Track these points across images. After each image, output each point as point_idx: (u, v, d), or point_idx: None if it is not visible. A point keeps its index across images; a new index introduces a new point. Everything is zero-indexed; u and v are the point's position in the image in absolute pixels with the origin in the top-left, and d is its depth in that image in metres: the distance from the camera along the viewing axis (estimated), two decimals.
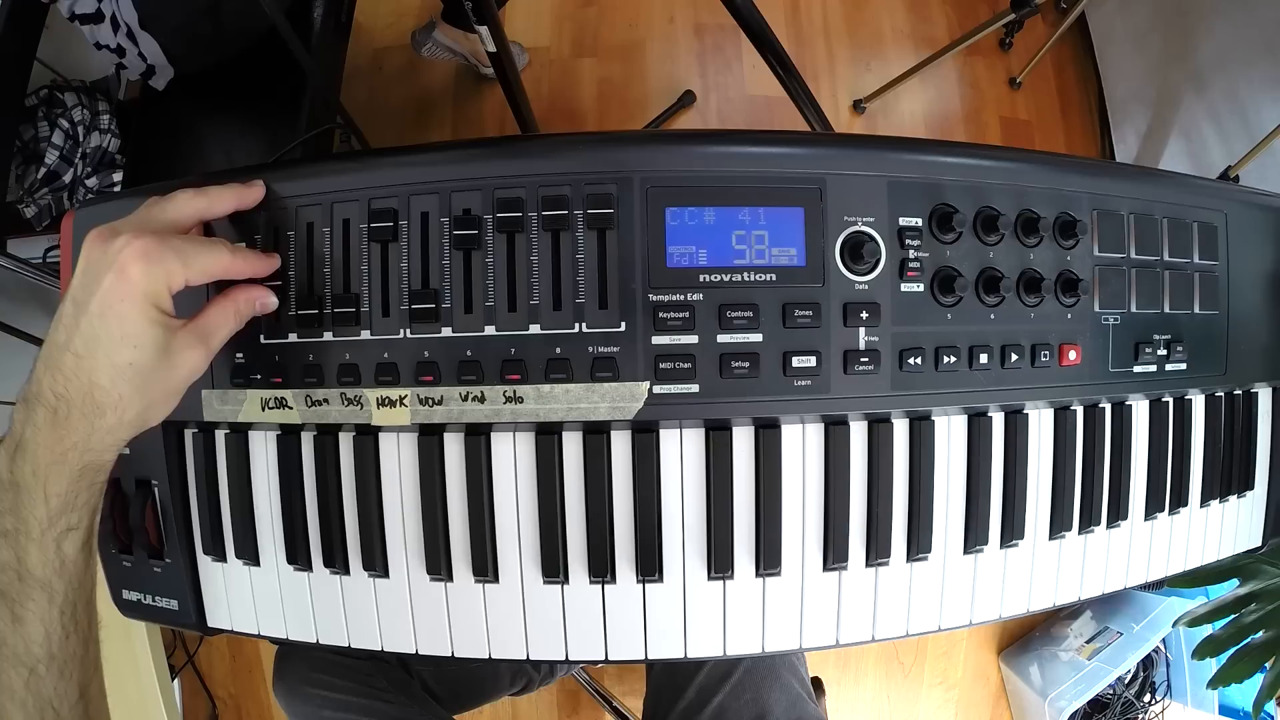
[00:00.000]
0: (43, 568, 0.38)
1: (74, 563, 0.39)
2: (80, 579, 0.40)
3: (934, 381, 0.45)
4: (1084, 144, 1.60)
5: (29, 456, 0.37)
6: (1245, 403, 0.58)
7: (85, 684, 0.40)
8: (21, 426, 0.38)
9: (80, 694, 0.39)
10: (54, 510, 0.38)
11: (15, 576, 0.37)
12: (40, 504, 0.37)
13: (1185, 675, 1.28)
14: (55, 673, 0.38)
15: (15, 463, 0.37)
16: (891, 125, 1.55)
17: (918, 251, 0.45)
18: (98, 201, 0.50)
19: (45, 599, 0.38)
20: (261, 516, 0.48)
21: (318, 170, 0.46)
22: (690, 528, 0.46)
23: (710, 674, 0.66)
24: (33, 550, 0.37)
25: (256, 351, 0.46)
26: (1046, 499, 0.50)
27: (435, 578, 0.46)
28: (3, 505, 0.37)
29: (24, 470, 0.37)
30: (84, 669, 0.40)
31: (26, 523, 0.37)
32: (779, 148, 0.45)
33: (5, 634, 0.37)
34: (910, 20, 1.59)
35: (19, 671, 0.37)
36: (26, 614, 0.37)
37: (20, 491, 0.37)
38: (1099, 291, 0.48)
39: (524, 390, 0.44)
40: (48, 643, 0.38)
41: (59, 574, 0.38)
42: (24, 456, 0.37)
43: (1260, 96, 1.25)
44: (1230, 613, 0.79)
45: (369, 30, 1.57)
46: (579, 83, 1.54)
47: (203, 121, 1.10)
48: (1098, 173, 0.49)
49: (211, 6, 0.97)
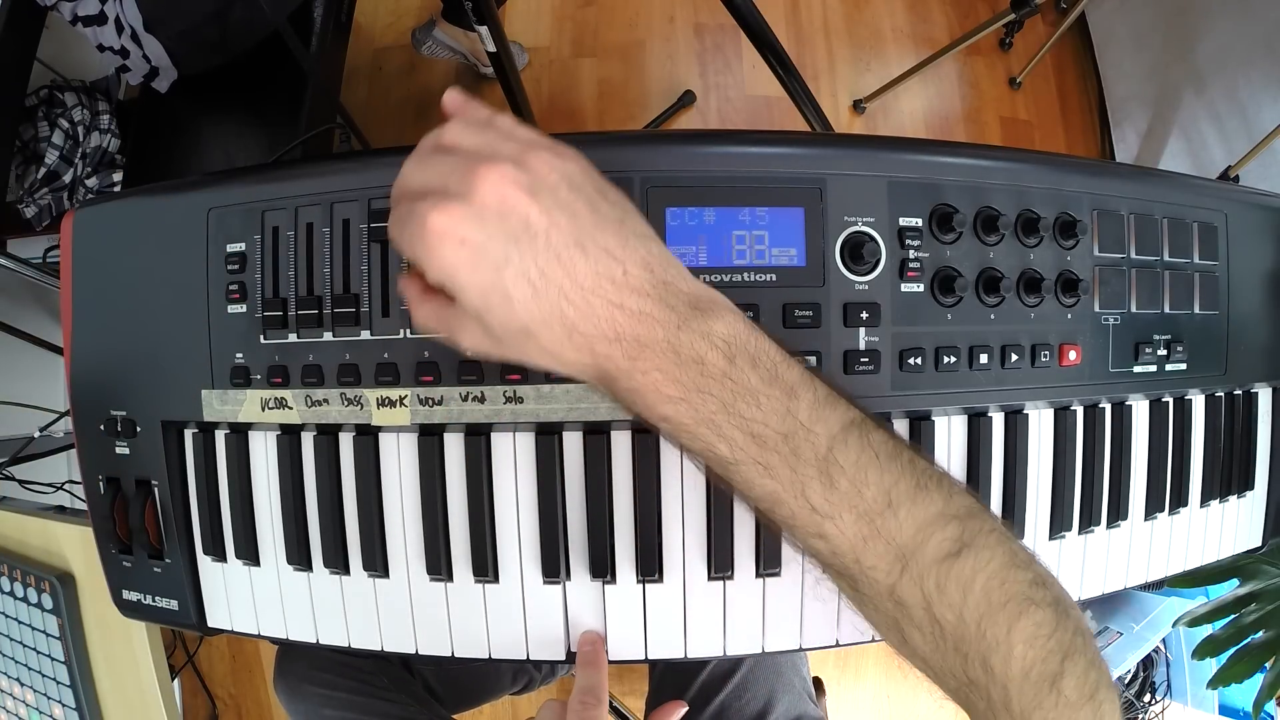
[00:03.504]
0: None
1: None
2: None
3: (934, 382, 0.45)
4: (1084, 144, 1.60)
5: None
6: (1245, 403, 0.58)
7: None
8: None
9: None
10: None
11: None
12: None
13: (1185, 675, 1.28)
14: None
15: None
16: (891, 125, 1.55)
17: (918, 251, 0.45)
18: (98, 201, 0.50)
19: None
20: (261, 517, 0.48)
21: (318, 170, 0.46)
22: (691, 528, 0.46)
23: (712, 673, 0.66)
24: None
25: (256, 351, 0.46)
26: (1046, 499, 0.50)
27: (435, 578, 0.46)
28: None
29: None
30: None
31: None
32: (779, 148, 0.45)
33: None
34: (910, 20, 1.59)
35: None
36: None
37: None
38: (1099, 291, 0.48)
39: (524, 390, 0.44)
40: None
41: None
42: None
43: (1260, 96, 1.25)
44: (1230, 613, 0.79)
45: (369, 30, 1.57)
46: (579, 83, 1.54)
47: (203, 121, 1.10)
48: (1098, 173, 0.49)
49: (218, 11, 0.97)
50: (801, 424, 0.32)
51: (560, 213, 0.31)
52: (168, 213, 0.47)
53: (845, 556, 0.33)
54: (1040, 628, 0.32)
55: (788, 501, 0.33)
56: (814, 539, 0.33)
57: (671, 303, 0.32)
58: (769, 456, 0.32)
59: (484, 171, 0.30)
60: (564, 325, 0.31)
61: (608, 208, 0.32)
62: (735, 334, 0.32)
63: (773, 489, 0.33)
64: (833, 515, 0.32)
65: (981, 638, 0.32)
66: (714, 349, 0.32)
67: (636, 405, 0.33)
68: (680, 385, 0.32)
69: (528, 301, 0.30)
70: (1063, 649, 0.32)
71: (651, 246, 0.33)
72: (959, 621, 0.32)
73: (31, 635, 0.68)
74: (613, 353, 0.31)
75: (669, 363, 0.31)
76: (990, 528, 0.33)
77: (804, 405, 0.32)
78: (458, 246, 0.30)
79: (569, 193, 0.31)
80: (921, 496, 0.33)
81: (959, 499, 0.34)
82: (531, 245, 0.30)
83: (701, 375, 0.32)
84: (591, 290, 0.31)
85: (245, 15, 0.97)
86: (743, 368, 0.32)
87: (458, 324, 0.33)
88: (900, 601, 0.33)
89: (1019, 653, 0.32)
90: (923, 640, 0.33)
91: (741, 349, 0.32)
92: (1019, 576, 0.33)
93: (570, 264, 0.30)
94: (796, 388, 0.32)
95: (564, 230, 0.30)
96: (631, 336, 0.31)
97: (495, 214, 0.30)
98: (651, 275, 0.32)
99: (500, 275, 0.30)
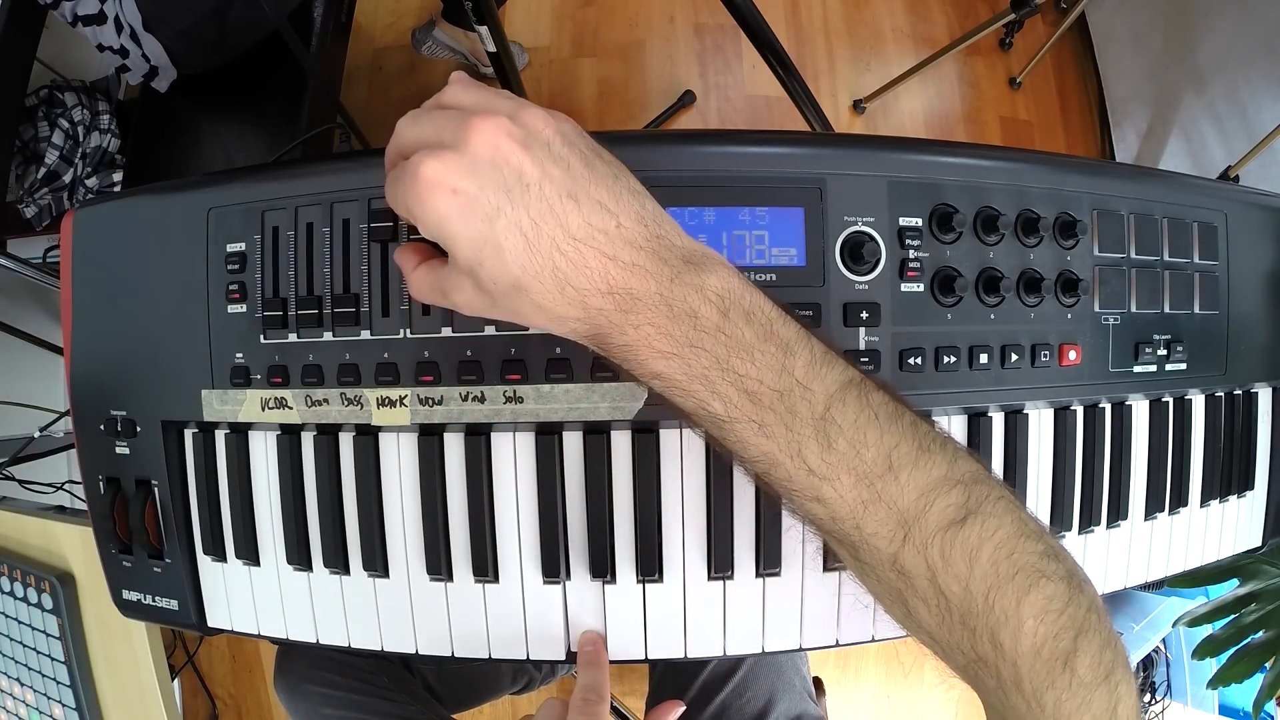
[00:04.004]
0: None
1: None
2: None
3: (934, 381, 0.45)
4: (1084, 144, 1.60)
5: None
6: (1245, 403, 0.58)
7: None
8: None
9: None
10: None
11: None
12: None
13: (1185, 675, 1.28)
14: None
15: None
16: (891, 125, 1.55)
17: (918, 251, 0.45)
18: (98, 201, 0.50)
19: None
20: (261, 516, 0.48)
21: (318, 170, 0.46)
22: (691, 527, 0.46)
23: (713, 673, 0.66)
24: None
25: (256, 351, 0.46)
26: (1046, 499, 0.50)
27: (435, 578, 0.46)
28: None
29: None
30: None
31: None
32: (779, 148, 0.45)
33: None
34: (910, 20, 1.59)
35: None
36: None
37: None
38: (1099, 291, 0.48)
39: (524, 390, 0.44)
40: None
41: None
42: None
43: (1260, 96, 1.25)
44: (1230, 613, 0.79)
45: (369, 30, 1.57)
46: (579, 83, 1.54)
47: (203, 121, 1.10)
48: (1098, 173, 0.49)
49: (218, 10, 0.97)
50: (798, 381, 0.31)
51: (554, 165, 0.30)
52: (168, 213, 0.47)
53: (845, 522, 0.32)
54: (1052, 602, 0.31)
55: (784, 463, 0.32)
56: (812, 503, 0.32)
57: (665, 256, 0.31)
58: (764, 414, 0.31)
59: (477, 123, 0.30)
60: (556, 278, 0.31)
61: (601, 164, 0.32)
62: (729, 288, 0.32)
63: (768, 449, 0.32)
64: (830, 477, 0.31)
65: (990, 611, 0.31)
66: (707, 302, 0.31)
67: (629, 362, 0.33)
68: (673, 340, 0.31)
69: (520, 253, 0.30)
70: (1076, 625, 0.31)
71: (645, 202, 0.32)
72: (965, 593, 0.31)
73: (31, 635, 0.68)
74: (605, 305, 0.31)
75: (661, 316, 0.31)
76: (998, 495, 0.32)
77: (800, 362, 0.32)
78: (450, 196, 0.30)
79: (563, 147, 0.31)
80: (924, 460, 0.32)
81: (964, 463, 0.33)
82: (524, 196, 0.30)
83: (694, 330, 0.31)
84: (584, 241, 0.30)
85: (245, 15, 0.97)
86: (736, 322, 0.31)
87: (452, 284, 0.33)
88: (903, 571, 0.32)
89: (1029, 628, 0.30)
90: (928, 613, 0.32)
91: (735, 303, 0.32)
92: (1029, 547, 0.32)
93: (563, 215, 0.30)
94: (793, 344, 0.32)
95: (557, 181, 0.30)
96: (624, 289, 0.31)
97: (488, 163, 0.30)
98: (645, 229, 0.31)
99: (492, 226, 0.30)
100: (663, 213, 0.33)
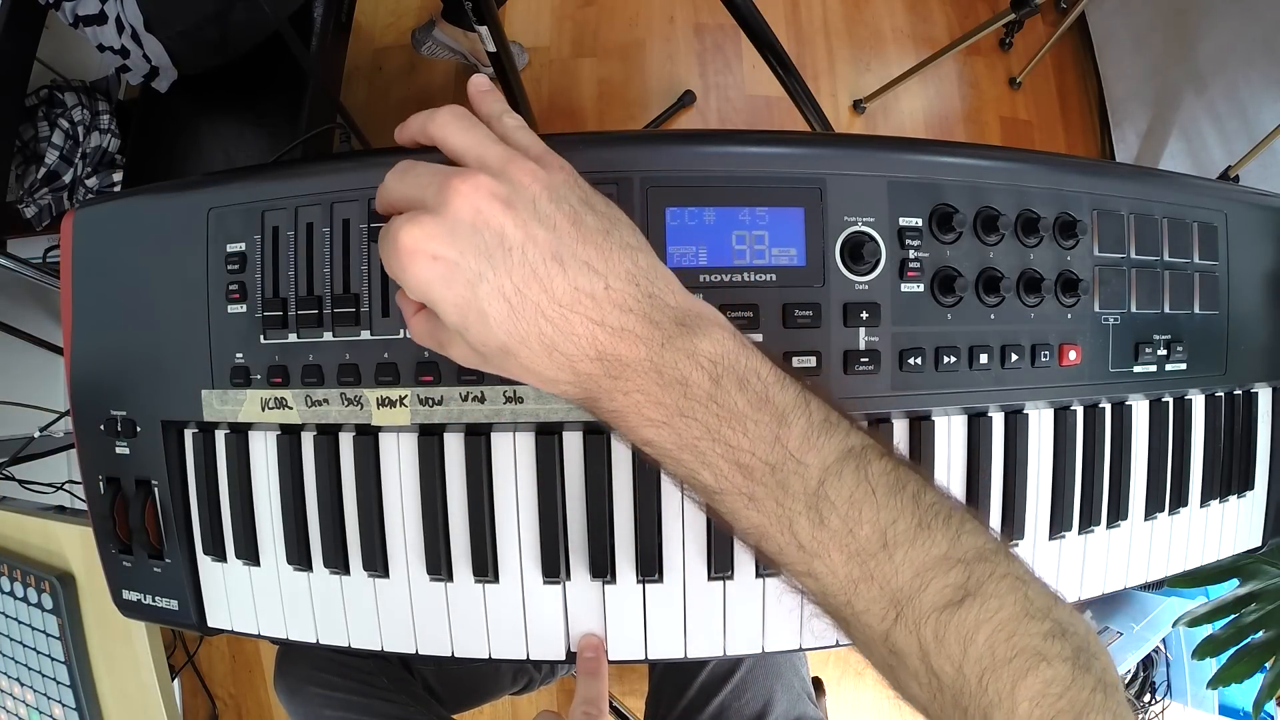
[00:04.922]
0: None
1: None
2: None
3: (934, 382, 0.45)
4: (1084, 144, 1.60)
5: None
6: (1245, 403, 0.58)
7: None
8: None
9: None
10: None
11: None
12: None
13: (1185, 675, 1.28)
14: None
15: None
16: (891, 125, 1.55)
17: (918, 251, 0.45)
18: (98, 201, 0.50)
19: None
20: (261, 516, 0.48)
21: (318, 170, 0.46)
22: (690, 528, 0.46)
23: (712, 673, 0.66)
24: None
25: (256, 351, 0.46)
26: (1046, 499, 0.50)
27: (435, 578, 0.46)
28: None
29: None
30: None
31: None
32: (779, 148, 0.45)
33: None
34: (910, 20, 1.59)
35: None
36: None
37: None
38: (1099, 291, 0.48)
39: (524, 390, 0.44)
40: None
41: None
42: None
43: (1260, 96, 1.25)
44: (1230, 613, 0.79)
45: (369, 30, 1.57)
46: (579, 82, 1.54)
47: (203, 121, 1.10)
48: (1098, 173, 0.49)
49: (219, 11, 0.97)
50: (791, 454, 0.30)
51: (538, 226, 0.30)
52: (168, 213, 0.47)
53: (836, 598, 0.31)
54: (1050, 685, 0.29)
55: (774, 536, 0.31)
56: (803, 577, 0.32)
57: (656, 318, 0.31)
58: (754, 488, 0.30)
59: (457, 184, 0.29)
60: (543, 343, 0.30)
61: (593, 219, 0.31)
62: (723, 353, 0.31)
63: (759, 522, 0.31)
64: (820, 554, 0.30)
65: (983, 693, 0.29)
66: (699, 369, 0.30)
67: (619, 427, 0.32)
68: (662, 408, 0.30)
69: (504, 319, 0.29)
70: (1075, 709, 0.29)
71: (638, 258, 0.32)
72: (958, 675, 0.30)
73: (31, 635, 0.68)
74: (594, 371, 0.30)
75: (651, 384, 0.30)
76: (1003, 572, 0.31)
77: (795, 432, 0.30)
78: (430, 262, 0.29)
79: (550, 204, 0.30)
80: (923, 537, 0.30)
81: (969, 539, 0.31)
82: (506, 260, 0.29)
83: (685, 398, 0.30)
84: (570, 307, 0.30)
85: (246, 15, 0.97)
86: (729, 389, 0.30)
87: (446, 339, 0.33)
88: (895, 649, 0.31)
89: (1024, 711, 0.29)
90: (920, 690, 0.31)
91: (729, 369, 0.31)
92: (1030, 628, 0.30)
93: (547, 280, 0.29)
94: (788, 412, 0.31)
95: (541, 244, 0.29)
96: (612, 355, 0.30)
97: (469, 227, 0.29)
98: (636, 288, 0.31)
99: (475, 292, 0.29)
100: (658, 267, 0.32)
